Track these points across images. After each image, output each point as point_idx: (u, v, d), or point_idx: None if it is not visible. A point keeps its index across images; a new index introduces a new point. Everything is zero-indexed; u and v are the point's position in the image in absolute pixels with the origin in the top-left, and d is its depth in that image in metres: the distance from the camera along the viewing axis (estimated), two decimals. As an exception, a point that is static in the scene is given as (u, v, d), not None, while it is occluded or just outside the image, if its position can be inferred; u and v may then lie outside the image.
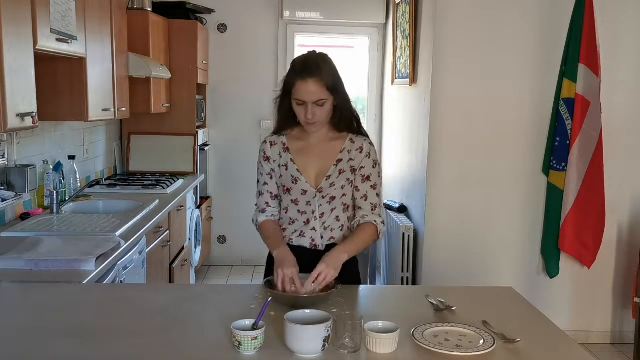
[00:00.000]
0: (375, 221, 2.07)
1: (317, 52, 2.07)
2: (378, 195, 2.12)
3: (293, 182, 2.10)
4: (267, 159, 2.15)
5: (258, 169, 2.18)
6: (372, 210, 2.10)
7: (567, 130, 3.60)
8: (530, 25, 3.65)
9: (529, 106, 3.72)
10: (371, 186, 2.10)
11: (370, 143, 2.14)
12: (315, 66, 1.98)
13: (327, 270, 1.87)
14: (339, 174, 2.09)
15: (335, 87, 2.01)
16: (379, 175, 2.14)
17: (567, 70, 3.55)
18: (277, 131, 2.16)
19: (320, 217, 2.11)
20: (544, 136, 3.73)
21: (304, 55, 2.06)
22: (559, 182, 3.66)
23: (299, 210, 2.12)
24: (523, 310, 1.93)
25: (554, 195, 3.70)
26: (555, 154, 3.66)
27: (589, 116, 3.53)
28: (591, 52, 3.48)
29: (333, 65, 2.05)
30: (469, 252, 3.80)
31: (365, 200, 2.10)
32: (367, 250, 2.32)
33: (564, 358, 1.60)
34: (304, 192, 2.10)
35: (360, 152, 2.10)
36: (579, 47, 3.48)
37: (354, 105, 2.15)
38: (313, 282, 1.85)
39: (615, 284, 3.91)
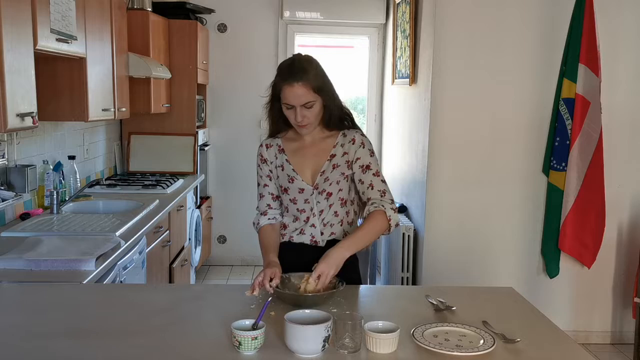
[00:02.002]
0: (383, 206, 2.01)
1: (303, 54, 2.10)
2: (383, 182, 2.09)
3: (290, 182, 2.13)
4: (265, 161, 2.18)
5: (257, 172, 2.21)
6: (381, 196, 2.05)
7: (567, 130, 3.60)
8: (530, 25, 3.65)
9: (529, 106, 3.72)
10: (373, 174, 2.09)
11: (363, 134, 2.15)
12: (300, 70, 1.99)
13: (327, 270, 1.86)
14: (333, 168, 2.11)
15: (322, 88, 2.02)
16: (377, 163, 2.14)
17: (567, 70, 3.55)
18: (272, 135, 2.19)
19: (319, 214, 2.13)
20: (544, 136, 3.73)
21: (289, 59, 2.08)
22: (559, 182, 3.66)
23: (297, 209, 2.15)
24: (523, 310, 1.93)
25: (554, 195, 3.70)
26: (555, 153, 3.66)
27: (589, 116, 3.53)
28: (591, 52, 3.48)
29: (319, 67, 2.06)
30: (469, 252, 3.80)
31: (372, 188, 2.07)
32: (367, 249, 2.31)
33: (564, 358, 1.60)
34: (301, 190, 2.12)
35: (353, 144, 2.11)
36: (579, 47, 3.48)
37: (343, 102, 2.16)
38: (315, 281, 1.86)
39: (615, 284, 3.91)
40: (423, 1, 3.94)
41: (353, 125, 2.16)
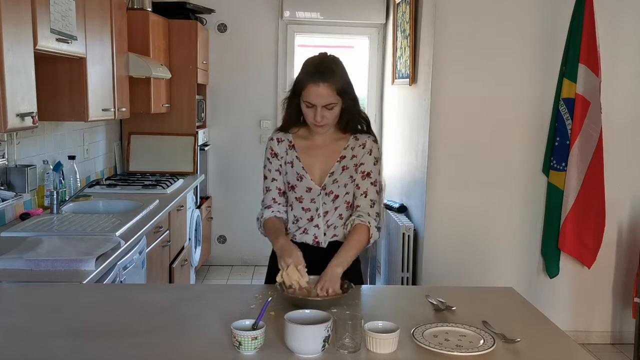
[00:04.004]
0: (369, 222, 2.04)
1: (329, 54, 2.07)
2: (378, 192, 2.11)
3: (298, 180, 2.11)
4: (275, 155, 2.15)
5: (265, 165, 2.18)
6: (370, 207, 2.08)
7: (567, 130, 3.60)
8: (530, 25, 3.65)
9: (529, 106, 3.72)
10: (371, 183, 2.10)
11: (374, 140, 2.14)
12: (328, 70, 1.98)
13: (328, 286, 1.86)
14: (342, 170, 2.10)
15: (345, 91, 2.02)
16: (380, 172, 2.13)
17: (567, 70, 3.55)
18: (283, 129, 2.16)
19: (324, 215, 2.12)
20: (544, 136, 3.73)
21: (317, 58, 2.06)
22: (559, 182, 3.66)
23: (303, 208, 2.13)
24: (523, 310, 1.93)
25: (554, 195, 3.70)
26: (555, 154, 3.66)
27: (589, 116, 3.53)
28: (591, 52, 3.48)
29: (344, 69, 2.05)
30: (469, 252, 3.80)
31: (365, 197, 2.09)
32: (367, 250, 2.31)
33: (564, 358, 1.60)
34: (309, 189, 2.11)
35: (362, 148, 2.11)
36: (579, 47, 3.48)
37: (362, 107, 2.15)
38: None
39: (615, 284, 3.91)
40: (423, 1, 3.94)
41: (368, 130, 2.14)
